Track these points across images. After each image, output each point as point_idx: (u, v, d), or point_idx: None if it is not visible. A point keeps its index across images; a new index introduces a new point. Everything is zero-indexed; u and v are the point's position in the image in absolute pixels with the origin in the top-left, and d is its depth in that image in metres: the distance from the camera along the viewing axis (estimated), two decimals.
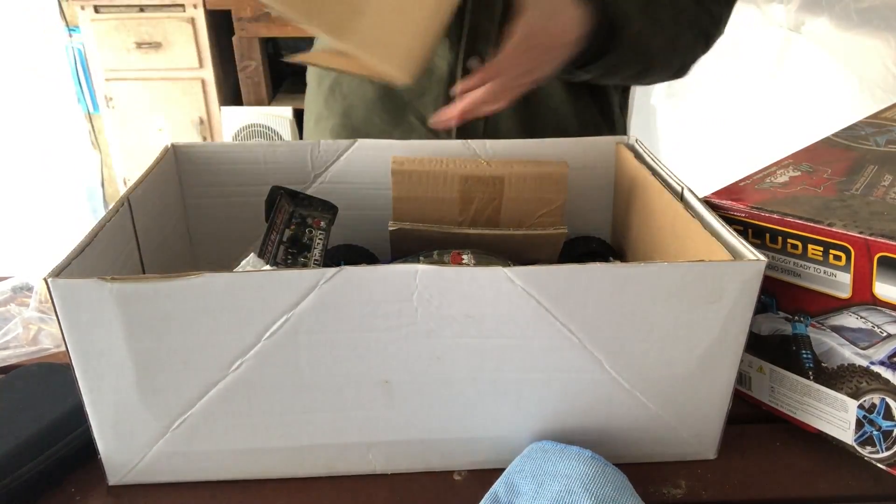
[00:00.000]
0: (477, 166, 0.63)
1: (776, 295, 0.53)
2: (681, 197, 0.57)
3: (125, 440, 0.48)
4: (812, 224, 0.49)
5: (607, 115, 0.82)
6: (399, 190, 0.62)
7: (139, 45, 2.27)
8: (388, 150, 0.66)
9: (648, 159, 0.65)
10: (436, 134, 0.75)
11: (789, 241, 0.50)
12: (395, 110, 0.78)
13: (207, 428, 0.48)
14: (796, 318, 0.52)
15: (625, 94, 0.88)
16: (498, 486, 0.48)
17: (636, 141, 0.69)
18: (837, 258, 0.48)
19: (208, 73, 2.28)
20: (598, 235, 0.73)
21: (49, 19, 2.24)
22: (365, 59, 0.51)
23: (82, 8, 2.15)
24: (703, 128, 1.68)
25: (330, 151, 0.68)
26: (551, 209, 0.64)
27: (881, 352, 0.47)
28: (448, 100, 0.75)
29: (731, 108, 1.56)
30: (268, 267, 0.55)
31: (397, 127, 0.78)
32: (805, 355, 0.52)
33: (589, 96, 0.79)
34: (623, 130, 0.87)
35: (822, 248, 0.49)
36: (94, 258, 0.48)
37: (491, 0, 0.71)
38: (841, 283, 0.48)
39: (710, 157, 1.64)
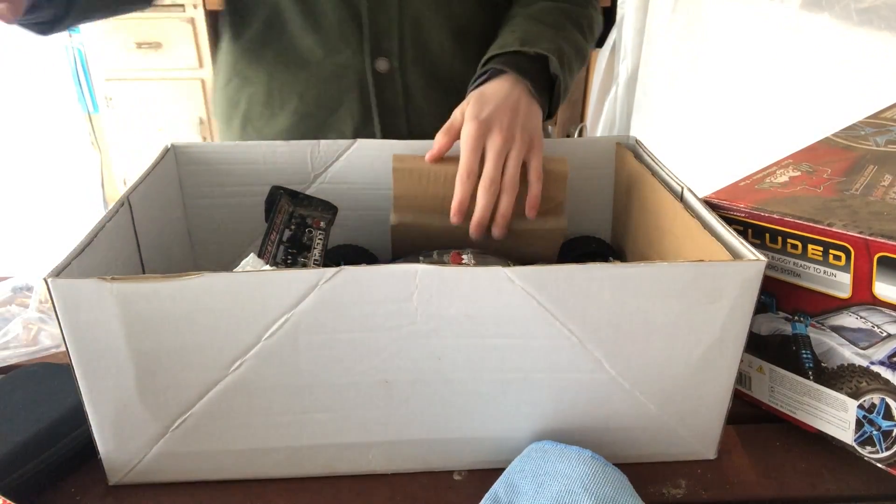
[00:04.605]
0: None
1: (776, 295, 0.53)
2: (681, 197, 0.57)
3: (125, 440, 0.48)
4: (812, 224, 0.49)
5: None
6: (400, 188, 0.62)
7: (139, 45, 2.27)
8: (388, 151, 0.66)
9: (648, 159, 0.65)
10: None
11: (789, 241, 0.50)
12: (315, 133, 0.78)
13: (207, 428, 0.48)
14: (796, 318, 0.52)
15: None
16: (498, 486, 0.48)
17: (636, 141, 0.69)
18: (837, 258, 0.48)
19: (208, 74, 2.29)
20: (598, 235, 0.73)
21: None
22: None
23: None
24: (704, 128, 1.68)
25: (330, 151, 0.68)
26: (551, 206, 0.64)
27: (881, 352, 0.47)
28: (365, 103, 0.76)
29: (731, 108, 1.56)
30: (268, 267, 0.55)
31: None
32: (805, 355, 0.52)
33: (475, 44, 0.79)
34: None
35: (821, 248, 0.49)
36: (94, 258, 0.48)
37: None
38: (841, 283, 0.48)
39: (710, 157, 1.64)
